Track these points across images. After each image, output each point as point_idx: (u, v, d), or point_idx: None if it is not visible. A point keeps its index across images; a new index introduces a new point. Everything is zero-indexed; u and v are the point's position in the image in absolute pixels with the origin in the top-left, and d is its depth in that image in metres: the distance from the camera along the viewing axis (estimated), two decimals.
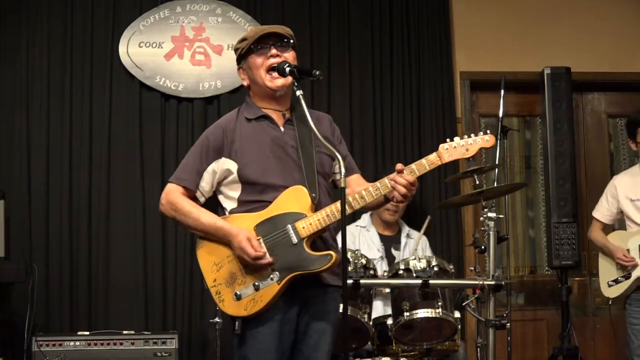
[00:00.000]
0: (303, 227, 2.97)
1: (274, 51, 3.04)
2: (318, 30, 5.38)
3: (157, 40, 5.27)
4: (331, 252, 2.99)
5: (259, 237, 2.97)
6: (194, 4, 5.31)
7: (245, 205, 3.07)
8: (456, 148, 3.04)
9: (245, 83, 3.17)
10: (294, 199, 3.02)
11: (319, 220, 2.96)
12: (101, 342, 4.58)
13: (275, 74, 3.04)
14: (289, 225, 2.98)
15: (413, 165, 3.00)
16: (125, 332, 4.66)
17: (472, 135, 3.07)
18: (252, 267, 2.99)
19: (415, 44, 5.45)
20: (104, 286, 5.06)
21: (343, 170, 2.74)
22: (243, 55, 3.13)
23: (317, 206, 3.01)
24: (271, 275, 2.96)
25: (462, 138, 3.06)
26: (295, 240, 2.98)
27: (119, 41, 5.16)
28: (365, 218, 4.85)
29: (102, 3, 5.19)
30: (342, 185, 2.74)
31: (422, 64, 5.44)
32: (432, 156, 3.02)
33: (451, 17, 5.52)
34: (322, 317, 3.10)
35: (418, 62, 5.44)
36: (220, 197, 3.14)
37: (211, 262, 3.07)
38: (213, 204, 3.18)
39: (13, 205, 4.97)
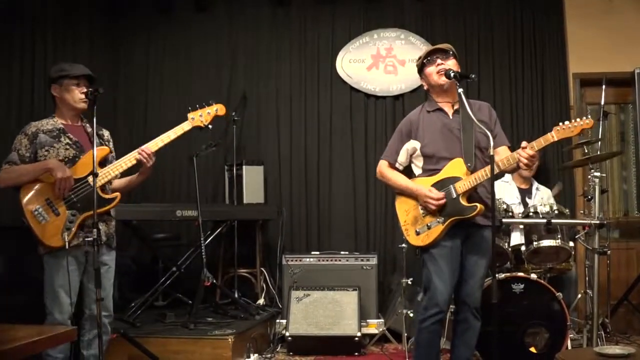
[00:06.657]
0: (460, 187, 3.34)
1: (439, 61, 3.47)
2: (471, 46, 5.98)
3: (361, 58, 5.97)
4: (477, 204, 3.30)
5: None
6: (385, 32, 5.96)
7: (426, 172, 3.49)
8: (564, 129, 3.28)
9: (425, 87, 3.60)
10: (454, 167, 3.39)
11: (469, 181, 3.32)
12: (326, 259, 5.24)
13: (442, 74, 3.40)
14: (451, 185, 3.37)
15: (534, 143, 3.26)
16: (342, 252, 5.31)
17: (577, 119, 3.29)
18: (427, 214, 3.37)
19: (540, 54, 5.92)
20: (327, 221, 5.92)
21: (492, 142, 3.08)
22: (421, 69, 3.58)
23: (472, 171, 3.33)
24: (438, 219, 3.36)
25: (570, 122, 3.28)
26: (454, 195, 3.36)
27: (336, 59, 6.02)
28: (508, 176, 5.18)
29: (325, 35, 6.06)
30: (491, 153, 3.10)
31: (545, 68, 5.91)
32: (548, 135, 3.27)
33: (565, 34, 5.93)
34: (479, 248, 3.42)
35: (542, 67, 5.91)
36: (412, 166, 3.59)
37: (403, 209, 3.51)
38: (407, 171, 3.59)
39: (269, 169, 5.91)
